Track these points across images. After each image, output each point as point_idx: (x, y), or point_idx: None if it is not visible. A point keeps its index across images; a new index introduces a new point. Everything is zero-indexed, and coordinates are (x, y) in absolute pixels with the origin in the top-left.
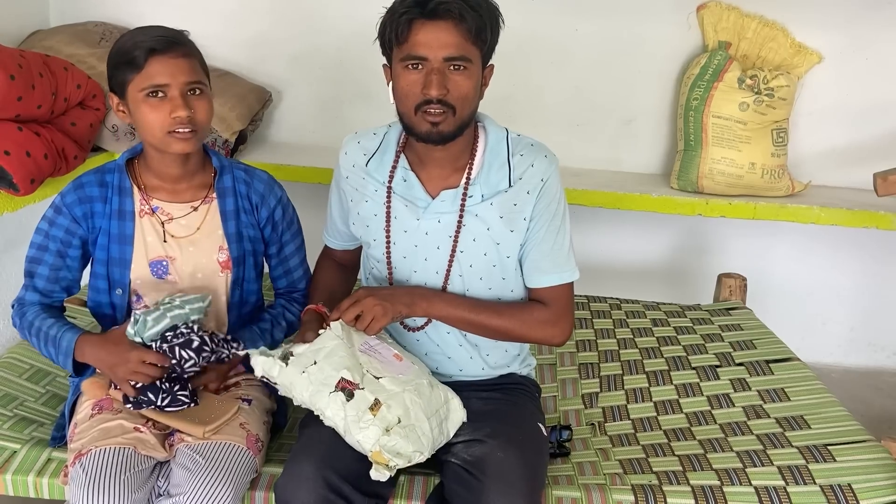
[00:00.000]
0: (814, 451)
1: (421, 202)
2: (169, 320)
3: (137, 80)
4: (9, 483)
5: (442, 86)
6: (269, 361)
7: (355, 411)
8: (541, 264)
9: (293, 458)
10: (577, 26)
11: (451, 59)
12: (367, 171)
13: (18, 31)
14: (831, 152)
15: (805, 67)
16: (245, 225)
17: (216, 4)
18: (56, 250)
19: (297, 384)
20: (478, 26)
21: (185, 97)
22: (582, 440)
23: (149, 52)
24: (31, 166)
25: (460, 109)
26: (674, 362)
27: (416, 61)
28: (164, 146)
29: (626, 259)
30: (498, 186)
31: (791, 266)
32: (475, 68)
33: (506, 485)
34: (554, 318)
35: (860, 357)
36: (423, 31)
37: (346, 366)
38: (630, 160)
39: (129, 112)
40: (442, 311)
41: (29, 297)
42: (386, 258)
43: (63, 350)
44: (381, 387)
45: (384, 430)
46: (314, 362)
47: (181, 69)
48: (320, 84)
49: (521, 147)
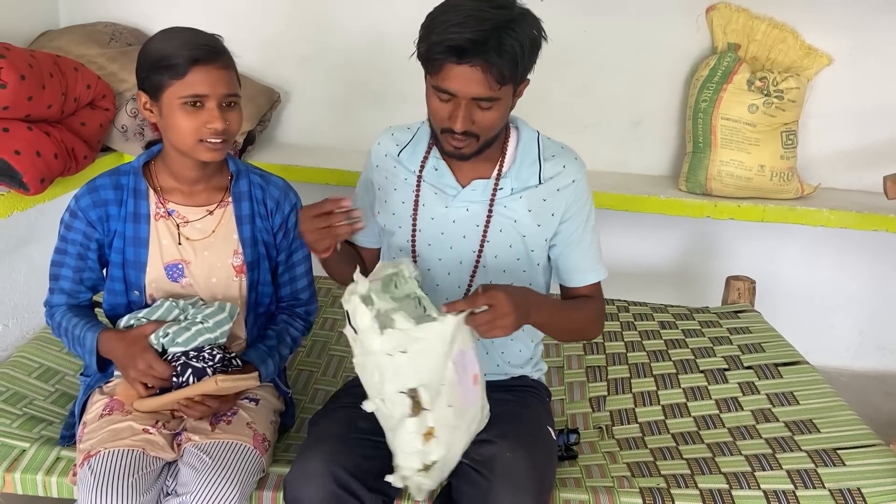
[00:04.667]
0: (823, 455)
1: (451, 190)
2: (197, 343)
3: (177, 88)
4: (18, 482)
5: (467, 121)
6: (367, 316)
7: (413, 428)
8: (581, 264)
9: (302, 454)
10: (585, 27)
11: (479, 99)
12: (398, 160)
13: (29, 31)
14: (841, 155)
15: (815, 69)
16: (260, 229)
17: (226, 5)
18: (76, 253)
19: (377, 363)
20: (509, 72)
21: (221, 108)
22: (589, 443)
23: (192, 62)
24: (41, 166)
25: (484, 136)
26: (682, 365)
27: (446, 94)
28: (194, 153)
29: (633, 261)
30: (528, 182)
31: (800, 269)
32: (504, 101)
33: (514, 485)
34: (602, 312)
35: (869, 360)
36: (453, 72)
37: (427, 381)
38: (638, 162)
39: (159, 113)
40: (545, 316)
41: (56, 299)
42: (411, 245)
43: (88, 349)
44: (444, 417)
45: (422, 464)
46: (404, 351)
47: (221, 81)
48: (329, 85)
49: (553, 149)
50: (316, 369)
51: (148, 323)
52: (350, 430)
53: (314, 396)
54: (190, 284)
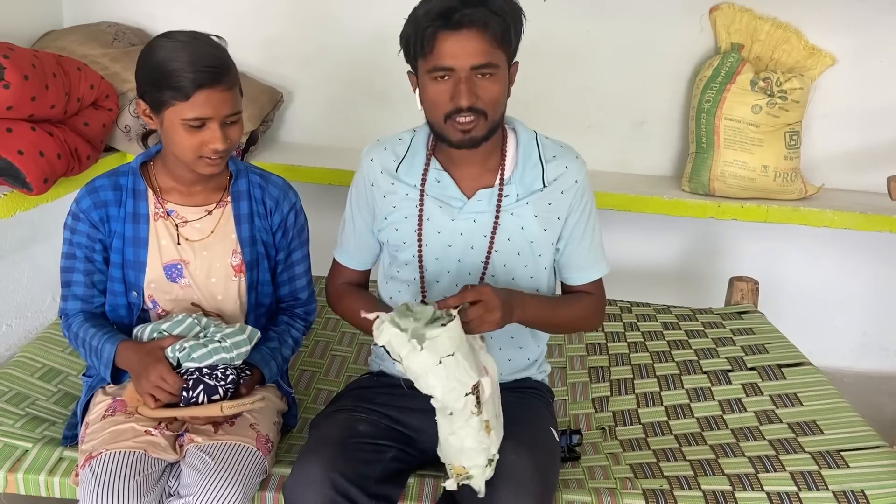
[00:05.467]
0: (826, 457)
1: (456, 202)
2: (212, 361)
3: (180, 109)
4: (20, 482)
5: (472, 94)
6: (401, 337)
7: (478, 425)
8: (582, 262)
9: (301, 459)
10: (588, 28)
11: (478, 67)
12: (396, 175)
13: (32, 31)
14: (844, 155)
15: (818, 70)
16: (259, 229)
17: (228, 5)
18: (84, 256)
19: (432, 373)
20: (503, 31)
21: (223, 128)
22: (592, 444)
23: (198, 86)
24: (44, 166)
25: (491, 113)
26: (685, 366)
27: (444, 72)
28: (193, 167)
29: (636, 262)
30: (532, 186)
31: (803, 270)
32: (502, 72)
33: (517, 485)
34: (600, 306)
35: (872, 362)
36: (448, 42)
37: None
38: (641, 162)
39: (159, 126)
40: (531, 314)
41: (70, 306)
42: (417, 260)
43: (104, 360)
44: (490, 408)
45: (487, 459)
46: (452, 353)
47: (225, 102)
48: (332, 85)
49: (553, 149)
50: (318, 369)
51: (167, 336)
52: (350, 434)
53: (316, 397)
54: (188, 285)
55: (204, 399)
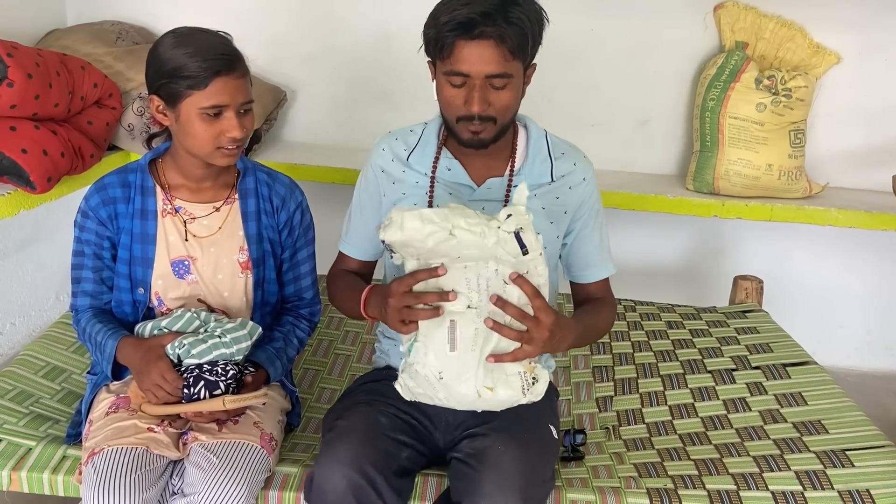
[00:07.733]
0: (832, 456)
1: (466, 190)
2: (211, 357)
3: (198, 98)
4: (24, 480)
5: (483, 101)
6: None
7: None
8: (591, 259)
9: (330, 443)
10: (592, 26)
11: (492, 76)
12: (407, 164)
13: (36, 30)
14: (849, 154)
15: (823, 68)
16: (265, 226)
17: (232, 4)
18: (92, 253)
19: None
20: (520, 42)
21: (239, 117)
22: (596, 444)
23: (214, 73)
24: (47, 164)
25: (501, 119)
26: (689, 365)
27: (459, 77)
28: (210, 159)
29: (640, 260)
30: (541, 179)
31: (808, 268)
32: (516, 80)
33: (501, 476)
34: (615, 308)
35: (877, 361)
36: (465, 50)
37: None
38: (645, 161)
39: (174, 119)
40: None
41: (80, 302)
42: None
43: (106, 356)
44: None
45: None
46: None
47: (240, 90)
48: (335, 84)
49: (562, 147)
50: (322, 368)
51: (168, 333)
52: (375, 424)
53: (320, 395)
54: (196, 281)
55: (205, 395)
